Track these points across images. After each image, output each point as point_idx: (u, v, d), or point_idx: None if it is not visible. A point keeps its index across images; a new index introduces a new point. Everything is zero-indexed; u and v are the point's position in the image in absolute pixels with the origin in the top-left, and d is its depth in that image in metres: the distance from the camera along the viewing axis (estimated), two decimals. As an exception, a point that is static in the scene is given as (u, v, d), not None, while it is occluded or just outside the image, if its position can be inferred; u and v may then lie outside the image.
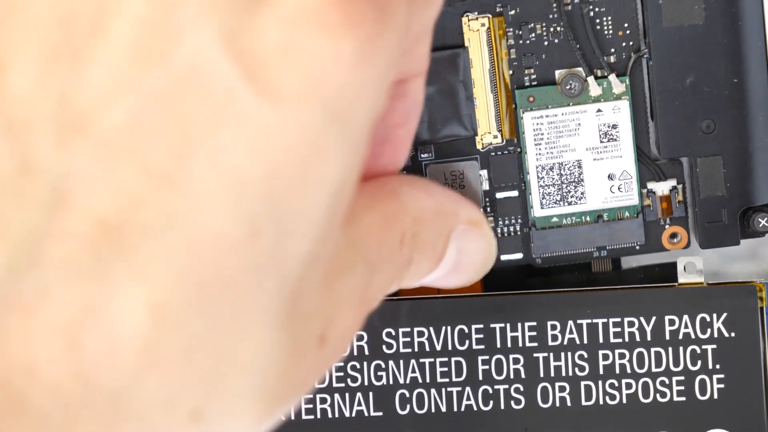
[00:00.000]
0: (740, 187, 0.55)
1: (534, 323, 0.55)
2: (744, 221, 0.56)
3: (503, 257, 0.58)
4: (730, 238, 0.56)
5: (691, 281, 0.56)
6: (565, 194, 0.57)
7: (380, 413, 0.56)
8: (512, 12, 0.56)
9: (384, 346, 0.56)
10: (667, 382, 0.56)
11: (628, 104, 0.56)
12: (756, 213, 0.56)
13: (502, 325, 0.56)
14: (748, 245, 0.57)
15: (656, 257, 0.58)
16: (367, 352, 0.56)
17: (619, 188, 0.57)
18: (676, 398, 0.56)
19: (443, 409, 0.56)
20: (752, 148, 0.55)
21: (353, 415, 0.56)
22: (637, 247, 0.58)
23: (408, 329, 0.56)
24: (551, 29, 0.56)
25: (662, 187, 0.57)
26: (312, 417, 0.56)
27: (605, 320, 0.55)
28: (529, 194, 0.57)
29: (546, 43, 0.56)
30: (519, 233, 0.58)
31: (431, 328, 0.56)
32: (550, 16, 0.56)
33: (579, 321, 0.55)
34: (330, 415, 0.56)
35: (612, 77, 0.56)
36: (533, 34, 0.56)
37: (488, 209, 0.57)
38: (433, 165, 0.57)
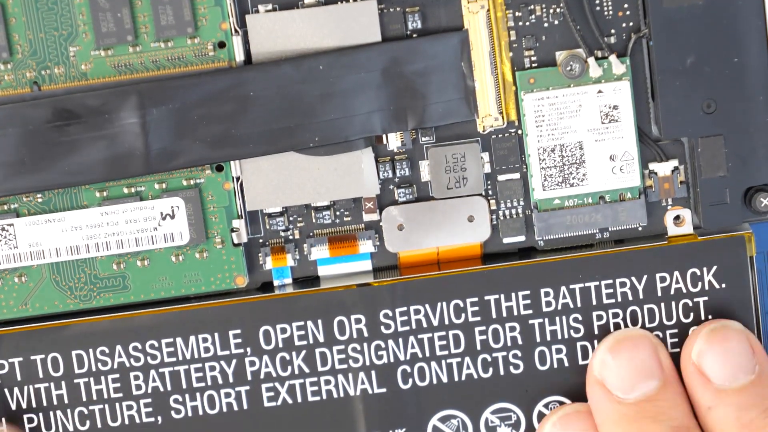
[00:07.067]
0: (742, 166, 0.55)
1: (527, 292, 0.56)
2: (746, 201, 0.56)
3: (505, 240, 0.58)
4: (733, 218, 0.56)
5: (680, 233, 0.56)
6: (566, 176, 0.57)
7: (383, 390, 0.56)
8: (512, -6, 0.56)
9: (382, 327, 0.56)
10: (661, 335, 0.56)
11: (629, 85, 0.56)
12: (758, 192, 0.55)
13: (497, 296, 0.56)
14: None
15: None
16: (366, 334, 0.56)
17: (620, 169, 0.56)
18: (671, 349, 0.56)
19: (444, 379, 0.56)
20: (753, 128, 0.55)
21: (357, 393, 0.56)
22: (640, 229, 0.58)
23: (404, 308, 0.56)
24: (551, 10, 0.56)
25: (664, 168, 0.57)
26: (318, 399, 0.56)
27: (597, 283, 0.56)
28: (530, 176, 0.57)
29: (546, 24, 0.56)
30: (521, 216, 0.58)
31: (427, 306, 0.56)
32: (550, -2, 0.56)
33: (572, 286, 0.56)
34: (335, 395, 0.56)
35: (612, 58, 0.55)
36: (533, 16, 0.56)
37: (490, 192, 0.57)
38: (434, 148, 0.57)
